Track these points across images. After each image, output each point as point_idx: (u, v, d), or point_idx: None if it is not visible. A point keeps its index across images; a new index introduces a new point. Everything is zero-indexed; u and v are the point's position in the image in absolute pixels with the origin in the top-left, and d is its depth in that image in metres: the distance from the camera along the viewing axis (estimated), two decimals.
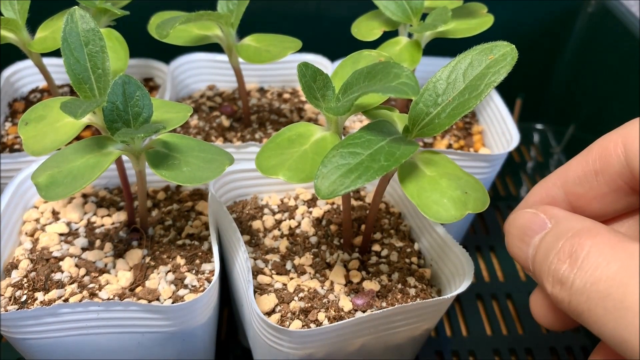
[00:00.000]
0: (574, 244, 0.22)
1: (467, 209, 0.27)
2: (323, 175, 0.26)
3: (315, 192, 0.26)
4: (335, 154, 0.26)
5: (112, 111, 0.31)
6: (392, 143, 0.27)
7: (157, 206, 0.42)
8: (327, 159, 0.26)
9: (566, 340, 0.47)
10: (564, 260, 0.22)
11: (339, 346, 0.34)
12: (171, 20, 0.36)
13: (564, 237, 0.23)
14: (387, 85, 0.25)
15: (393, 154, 0.26)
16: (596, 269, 0.21)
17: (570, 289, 0.21)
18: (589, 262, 0.21)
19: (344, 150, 0.26)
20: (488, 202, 0.28)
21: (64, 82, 0.54)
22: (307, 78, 0.30)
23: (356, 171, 0.25)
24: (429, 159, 0.29)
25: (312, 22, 0.59)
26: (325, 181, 0.26)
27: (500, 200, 0.60)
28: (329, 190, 0.25)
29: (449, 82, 0.26)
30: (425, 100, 0.27)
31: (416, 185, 0.28)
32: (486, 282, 0.52)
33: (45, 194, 0.29)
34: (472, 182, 0.28)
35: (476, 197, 0.28)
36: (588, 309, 0.21)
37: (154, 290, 0.35)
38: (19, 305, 0.34)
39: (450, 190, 0.27)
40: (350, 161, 0.26)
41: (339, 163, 0.26)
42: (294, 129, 0.31)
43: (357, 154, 0.26)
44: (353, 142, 0.26)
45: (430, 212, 0.27)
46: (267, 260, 0.38)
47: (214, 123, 0.48)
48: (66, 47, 0.31)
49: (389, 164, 0.25)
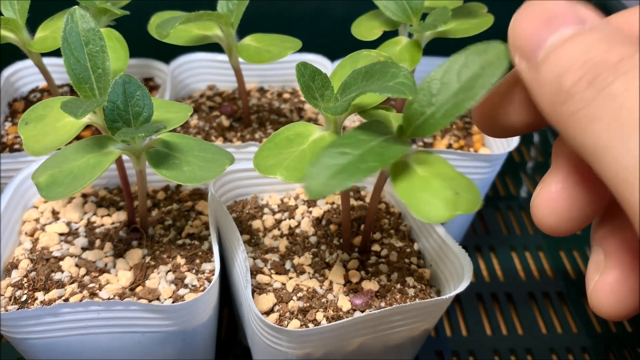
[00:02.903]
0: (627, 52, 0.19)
1: (458, 210, 0.27)
2: (312, 175, 0.26)
3: (305, 191, 0.26)
4: (325, 154, 0.26)
5: (113, 111, 0.31)
6: (383, 143, 0.26)
7: (157, 206, 0.42)
8: (317, 159, 0.26)
9: (566, 340, 0.47)
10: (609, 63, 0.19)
11: (337, 346, 0.34)
12: (171, 20, 0.36)
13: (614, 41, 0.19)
14: (385, 85, 0.25)
15: (382, 155, 0.26)
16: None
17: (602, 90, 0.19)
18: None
19: (334, 150, 0.26)
20: (480, 203, 0.28)
21: (64, 82, 0.54)
22: (306, 78, 0.30)
23: (345, 171, 0.25)
24: (423, 159, 0.29)
25: (312, 22, 0.59)
26: (313, 181, 0.26)
27: (500, 200, 0.60)
28: (317, 190, 0.25)
29: (443, 83, 0.26)
30: (419, 100, 0.26)
31: (407, 184, 0.28)
32: (486, 282, 0.52)
33: (45, 193, 0.29)
34: (464, 183, 0.28)
35: (468, 198, 0.28)
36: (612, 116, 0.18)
37: (154, 290, 0.35)
38: (19, 305, 0.34)
39: (442, 191, 0.27)
40: (340, 161, 0.26)
41: (328, 163, 0.26)
42: (293, 129, 0.31)
43: (346, 154, 0.26)
44: (344, 142, 0.26)
45: (420, 211, 0.27)
46: (267, 260, 0.38)
47: (214, 123, 0.48)
48: (66, 47, 0.31)
49: (377, 165, 0.25)
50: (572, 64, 0.20)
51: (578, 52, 0.20)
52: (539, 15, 0.22)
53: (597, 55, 0.19)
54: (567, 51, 0.20)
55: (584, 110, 0.19)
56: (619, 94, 0.18)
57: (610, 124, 0.18)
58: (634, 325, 0.49)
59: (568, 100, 0.20)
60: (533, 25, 0.22)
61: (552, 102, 0.20)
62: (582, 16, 0.21)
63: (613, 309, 0.23)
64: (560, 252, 0.55)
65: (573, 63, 0.20)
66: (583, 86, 0.19)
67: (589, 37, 0.20)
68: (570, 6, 0.21)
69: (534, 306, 0.50)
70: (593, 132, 0.19)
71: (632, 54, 0.19)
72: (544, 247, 0.55)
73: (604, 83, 0.19)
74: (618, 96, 0.18)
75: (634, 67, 0.18)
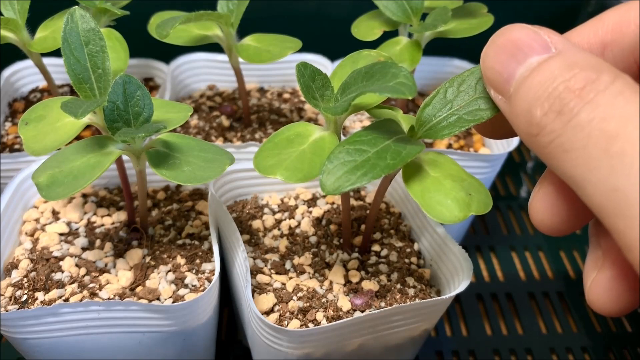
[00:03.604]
0: (590, 77, 0.19)
1: (470, 211, 0.27)
2: (329, 170, 0.26)
3: (321, 187, 0.25)
4: (341, 150, 0.26)
5: (113, 111, 0.31)
6: (397, 142, 0.27)
7: (157, 206, 0.42)
8: (333, 155, 0.26)
9: (566, 340, 0.47)
10: (574, 91, 0.19)
11: (337, 346, 0.34)
12: (171, 20, 0.36)
13: (577, 67, 0.19)
14: (385, 85, 0.25)
15: (399, 153, 0.26)
16: (612, 107, 0.18)
17: (570, 121, 0.19)
18: (604, 98, 0.18)
19: (351, 147, 0.26)
20: (491, 204, 0.29)
21: (64, 82, 0.54)
22: (306, 78, 0.30)
23: (362, 168, 0.25)
24: (433, 160, 0.29)
25: (312, 22, 0.59)
26: (331, 177, 0.26)
27: (500, 200, 0.60)
28: (334, 186, 0.25)
29: (461, 90, 0.26)
30: (434, 104, 0.27)
31: (420, 185, 0.28)
32: (486, 282, 0.52)
33: (45, 193, 0.29)
34: (475, 184, 0.29)
35: (479, 198, 0.28)
36: (582, 146, 0.18)
37: (154, 290, 0.35)
38: (20, 305, 0.34)
39: (454, 192, 0.27)
40: (357, 158, 0.26)
41: (345, 159, 0.26)
42: (293, 129, 0.31)
43: (363, 151, 0.26)
44: (359, 140, 0.26)
45: (434, 212, 0.27)
46: (267, 260, 0.38)
47: (214, 123, 0.48)
48: (66, 47, 0.31)
49: (395, 163, 0.25)
50: (539, 95, 0.20)
51: (544, 82, 0.20)
52: (506, 49, 0.22)
53: (561, 83, 0.19)
54: (534, 82, 0.20)
55: (556, 141, 0.19)
56: (586, 124, 0.18)
57: (580, 154, 0.18)
58: (634, 325, 0.49)
59: (540, 132, 0.20)
60: (501, 59, 0.22)
61: (527, 133, 0.20)
62: (546, 42, 0.21)
63: (610, 306, 0.23)
64: (560, 252, 0.55)
65: (540, 94, 0.20)
66: (552, 117, 0.19)
67: (553, 64, 0.20)
68: (533, 34, 0.21)
69: (534, 306, 0.50)
70: (567, 162, 0.19)
71: (595, 78, 0.19)
72: (544, 247, 0.55)
73: (571, 114, 0.19)
74: (585, 126, 0.18)
75: (598, 92, 0.18)
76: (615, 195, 0.17)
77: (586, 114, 0.18)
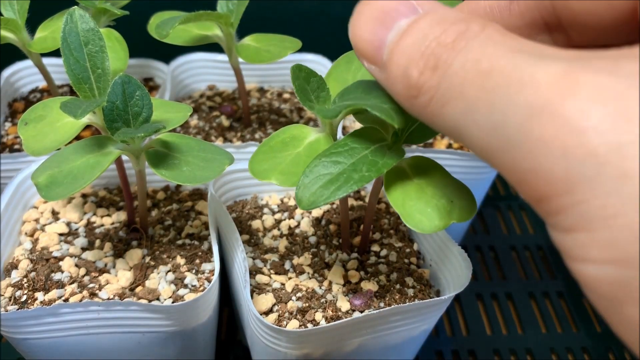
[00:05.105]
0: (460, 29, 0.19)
1: (451, 219, 0.27)
2: (304, 185, 0.26)
3: (297, 202, 0.26)
4: (317, 163, 0.26)
5: (112, 111, 0.31)
6: (377, 152, 0.26)
7: (157, 206, 0.42)
8: (309, 169, 0.26)
9: (566, 340, 0.47)
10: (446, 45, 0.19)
11: (336, 346, 0.34)
12: (171, 20, 0.36)
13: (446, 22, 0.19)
14: (379, 106, 0.25)
15: (376, 164, 0.26)
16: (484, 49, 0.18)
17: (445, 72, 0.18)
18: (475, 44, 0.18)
19: (327, 160, 0.26)
20: (475, 210, 0.28)
21: (64, 82, 0.54)
22: (301, 80, 0.29)
23: (337, 182, 0.25)
24: (417, 165, 0.29)
25: (312, 22, 0.59)
26: (306, 192, 0.25)
27: (500, 200, 0.60)
28: (309, 201, 0.25)
29: None
30: None
31: (401, 193, 0.27)
32: (486, 282, 0.52)
33: (45, 194, 0.29)
34: (460, 190, 0.28)
35: (462, 205, 0.27)
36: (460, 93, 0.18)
37: (154, 290, 0.35)
38: (19, 305, 0.34)
39: (436, 199, 0.27)
40: (332, 171, 0.26)
41: (321, 173, 0.26)
42: (288, 132, 0.31)
43: (339, 163, 0.26)
44: (336, 151, 0.26)
45: (413, 221, 0.26)
46: (266, 260, 0.38)
47: (214, 123, 0.48)
48: (66, 47, 0.31)
49: (371, 175, 0.25)
50: (413, 56, 0.20)
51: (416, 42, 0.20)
52: (372, 16, 0.21)
53: (433, 40, 0.19)
54: (406, 44, 0.20)
55: (436, 96, 0.19)
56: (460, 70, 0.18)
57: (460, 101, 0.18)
58: None
59: (419, 92, 0.19)
60: (369, 28, 0.21)
61: (407, 97, 0.20)
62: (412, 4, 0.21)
63: None
64: None
65: (414, 55, 0.20)
66: (429, 75, 0.19)
67: (422, 24, 0.20)
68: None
69: (534, 306, 0.50)
70: (449, 113, 0.19)
71: (464, 30, 0.19)
72: (544, 247, 0.55)
73: (446, 65, 0.19)
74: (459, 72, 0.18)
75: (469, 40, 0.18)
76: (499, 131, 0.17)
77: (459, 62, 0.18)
